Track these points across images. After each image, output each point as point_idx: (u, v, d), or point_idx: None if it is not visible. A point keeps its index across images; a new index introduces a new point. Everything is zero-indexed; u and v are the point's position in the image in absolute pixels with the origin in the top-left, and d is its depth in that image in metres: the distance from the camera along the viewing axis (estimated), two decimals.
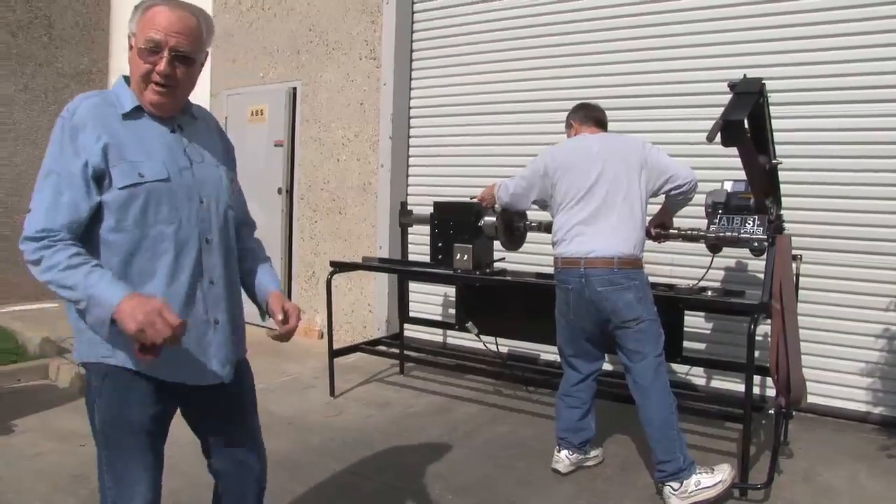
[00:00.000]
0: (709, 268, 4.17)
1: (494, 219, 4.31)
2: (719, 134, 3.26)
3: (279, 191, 7.05)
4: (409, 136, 6.41)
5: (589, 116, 3.81)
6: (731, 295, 3.94)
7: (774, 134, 3.84)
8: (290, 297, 7.08)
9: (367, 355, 5.59)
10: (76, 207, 1.86)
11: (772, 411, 3.78)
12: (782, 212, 3.92)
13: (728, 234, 3.80)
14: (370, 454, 4.06)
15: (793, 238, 3.95)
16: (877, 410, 4.49)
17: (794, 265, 3.80)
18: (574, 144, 3.71)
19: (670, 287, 4.02)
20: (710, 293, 3.91)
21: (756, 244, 3.78)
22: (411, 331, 5.99)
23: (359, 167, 6.51)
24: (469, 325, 4.84)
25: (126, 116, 1.97)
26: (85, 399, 2.04)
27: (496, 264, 4.65)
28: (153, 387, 2.00)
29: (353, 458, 3.99)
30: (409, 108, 6.39)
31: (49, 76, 8.30)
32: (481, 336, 4.88)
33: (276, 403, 4.92)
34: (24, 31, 8.05)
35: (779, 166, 3.85)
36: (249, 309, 2.31)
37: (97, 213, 1.91)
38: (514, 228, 4.32)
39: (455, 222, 4.49)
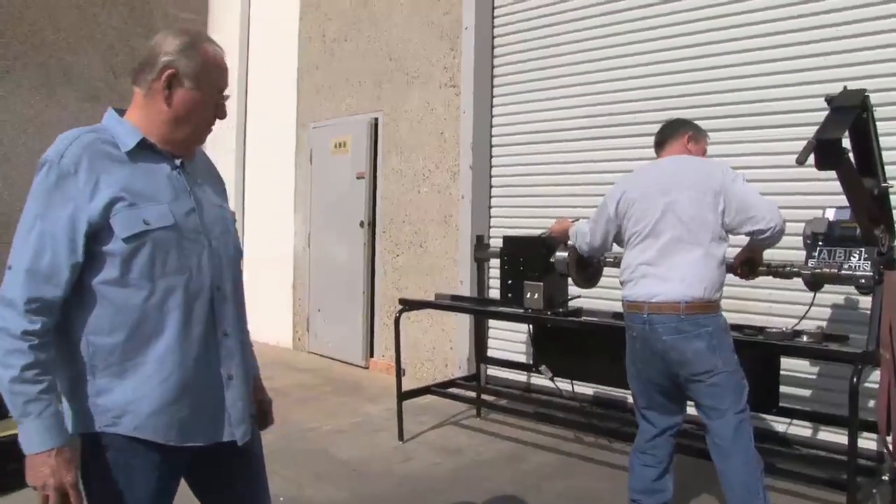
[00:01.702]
0: (809, 307, 3.69)
1: (566, 254, 3.96)
2: (812, 156, 2.86)
3: (361, 224, 6.91)
4: (490, 166, 6.13)
5: (666, 137, 3.39)
6: (830, 340, 3.43)
7: (884, 153, 3.36)
8: (371, 333, 6.91)
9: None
10: (59, 270, 1.67)
11: (885, 477, 3.25)
12: None
13: (827, 269, 3.33)
14: None
15: None
16: None
17: None
18: (643, 173, 3.34)
19: (760, 330, 3.54)
20: (805, 338, 3.41)
21: (862, 281, 3.30)
22: (495, 370, 5.68)
23: (440, 199, 6.28)
24: (543, 368, 4.50)
25: (128, 155, 1.77)
26: (81, 473, 1.76)
27: (572, 302, 4.29)
28: (160, 457, 1.78)
29: None
30: (491, 136, 6.12)
31: None
32: (556, 380, 4.52)
33: (342, 446, 4.71)
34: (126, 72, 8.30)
35: (890, 190, 3.36)
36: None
37: (93, 263, 1.71)
38: (587, 264, 3.95)
39: (525, 258, 4.18)
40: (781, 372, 3.93)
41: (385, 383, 6.21)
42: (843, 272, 3.27)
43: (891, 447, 3.06)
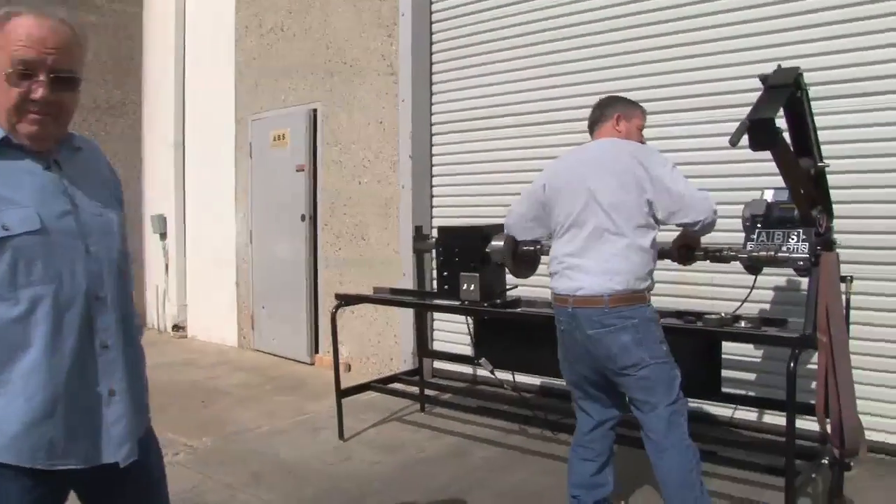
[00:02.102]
0: (750, 290, 3.59)
1: (502, 243, 3.84)
2: (746, 136, 2.77)
3: (302, 217, 6.73)
4: (431, 155, 6.00)
5: (596, 119, 3.24)
6: (769, 324, 3.35)
7: (820, 132, 3.30)
8: (316, 329, 6.75)
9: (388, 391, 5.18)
10: None
11: (825, 461, 3.19)
12: (834, 223, 3.38)
13: (764, 253, 3.25)
14: None
15: (846, 254, 3.39)
16: None
17: (843, 288, 3.21)
18: (568, 160, 3.22)
19: (700, 317, 3.46)
20: (744, 323, 3.33)
21: (800, 263, 3.23)
22: (442, 363, 5.55)
23: (380, 190, 6.13)
24: (482, 361, 4.37)
25: None
26: None
27: (510, 293, 4.17)
28: (31, 482, 1.60)
29: None
30: (431, 124, 5.99)
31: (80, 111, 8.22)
32: (497, 372, 4.41)
33: (281, 447, 4.56)
34: None
35: (826, 170, 3.30)
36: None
37: None
38: (522, 253, 3.83)
39: (461, 248, 4.04)
40: (725, 357, 3.87)
41: (330, 380, 6.01)
42: (780, 255, 3.19)
43: (829, 431, 3.00)
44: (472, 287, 3.98)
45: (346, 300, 4.69)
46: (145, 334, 1.88)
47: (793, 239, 3.31)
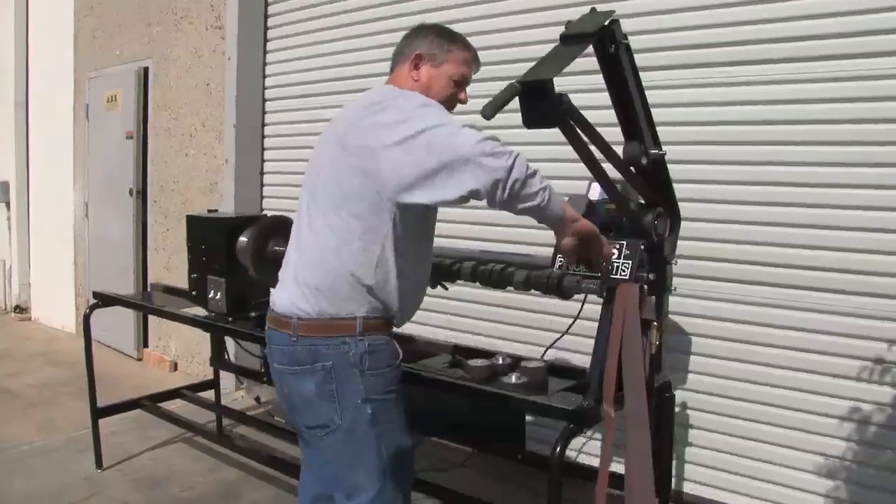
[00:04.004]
0: (574, 321, 2.70)
1: (248, 239, 3.01)
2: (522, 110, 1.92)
3: (130, 192, 5.83)
4: (263, 125, 5.09)
5: (393, 58, 2.34)
6: (559, 374, 2.49)
7: (665, 110, 2.50)
8: (145, 321, 5.89)
9: (191, 402, 4.32)
10: None
11: None
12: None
13: (543, 279, 2.39)
14: None
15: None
16: None
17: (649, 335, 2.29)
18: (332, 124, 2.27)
19: (456, 361, 2.59)
20: (514, 377, 2.40)
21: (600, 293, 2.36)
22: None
23: (206, 163, 5.25)
24: (246, 384, 3.55)
25: None
26: None
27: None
28: None
29: None
30: (264, 88, 5.07)
31: None
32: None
33: (19, 477, 3.74)
34: None
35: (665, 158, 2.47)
36: None
37: None
38: (271, 254, 2.99)
39: (208, 244, 3.19)
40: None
41: (153, 379, 5.26)
42: (567, 284, 2.34)
43: None
44: (219, 295, 3.14)
45: (103, 301, 3.82)
46: None
47: (615, 251, 2.46)
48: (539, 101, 1.91)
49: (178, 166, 5.48)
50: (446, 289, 2.80)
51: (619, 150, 2.32)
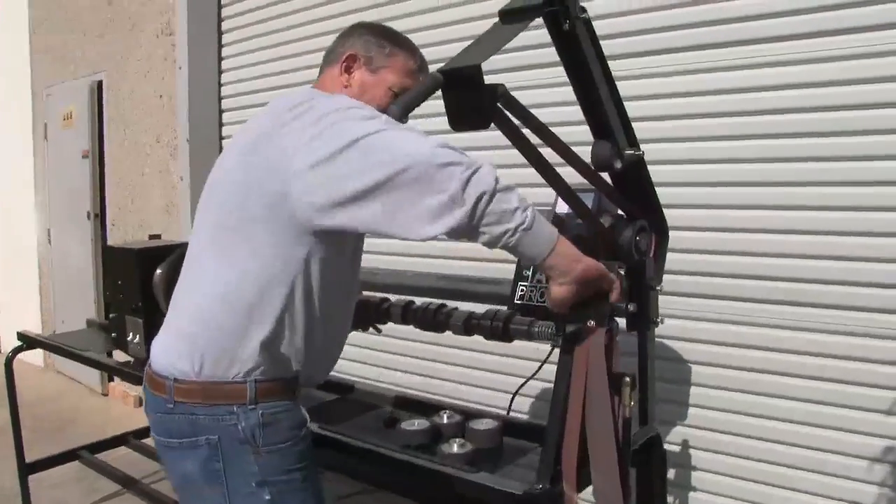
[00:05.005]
0: (541, 365, 2.24)
1: (162, 272, 2.58)
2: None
3: (87, 215, 5.42)
4: (220, 139, 4.67)
5: (323, 59, 1.88)
6: (517, 434, 2.04)
7: (640, 103, 2.04)
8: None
9: None
10: None
11: None
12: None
13: (486, 323, 1.93)
14: None
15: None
16: None
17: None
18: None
19: (391, 420, 2.13)
20: (456, 446, 1.92)
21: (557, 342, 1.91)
22: None
23: (161, 182, 4.83)
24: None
25: None
26: None
27: None
28: None
29: None
30: (220, 98, 4.65)
31: None
32: None
33: None
34: None
35: (642, 159, 1.99)
36: None
37: None
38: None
39: (124, 279, 2.76)
40: None
41: (114, 418, 4.85)
42: (511, 328, 1.88)
43: None
44: (137, 338, 2.70)
45: (29, 343, 3.40)
46: None
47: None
48: (467, 93, 1.47)
49: (134, 186, 5.07)
50: (378, 331, 2.36)
51: None
